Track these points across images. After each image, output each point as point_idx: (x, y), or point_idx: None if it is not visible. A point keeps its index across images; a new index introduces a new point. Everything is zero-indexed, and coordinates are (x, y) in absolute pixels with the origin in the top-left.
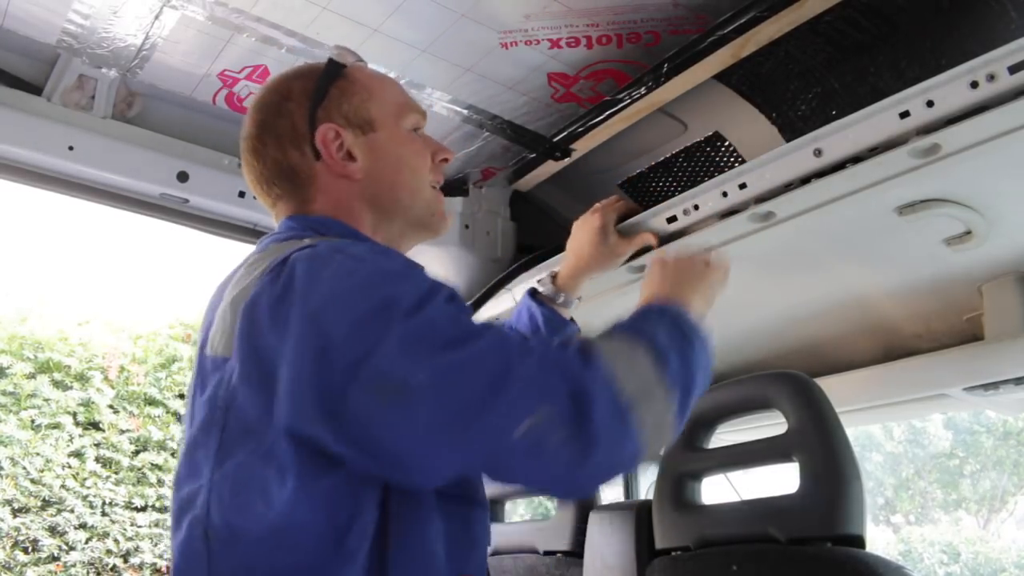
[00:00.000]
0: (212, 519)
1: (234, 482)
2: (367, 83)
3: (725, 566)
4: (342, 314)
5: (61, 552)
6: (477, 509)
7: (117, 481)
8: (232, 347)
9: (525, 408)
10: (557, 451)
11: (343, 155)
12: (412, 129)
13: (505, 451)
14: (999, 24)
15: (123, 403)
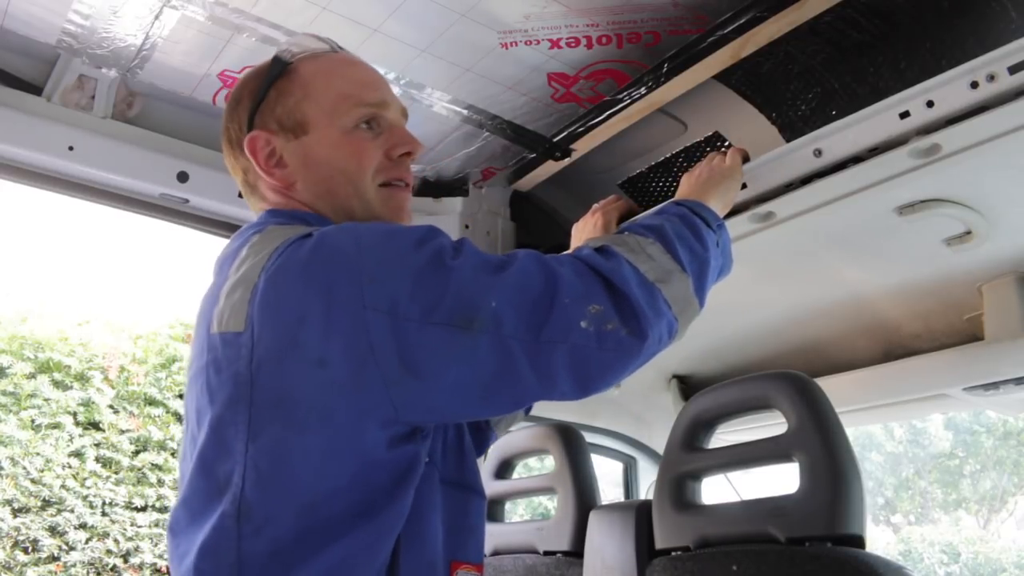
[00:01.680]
0: (247, 495)
1: (271, 456)
2: (307, 80)
3: (725, 566)
4: (402, 272)
5: (61, 552)
6: (475, 498)
7: (117, 481)
8: (246, 321)
9: (578, 306)
10: (617, 334)
11: (274, 162)
12: (361, 124)
13: (579, 347)
14: (999, 24)
15: (123, 403)
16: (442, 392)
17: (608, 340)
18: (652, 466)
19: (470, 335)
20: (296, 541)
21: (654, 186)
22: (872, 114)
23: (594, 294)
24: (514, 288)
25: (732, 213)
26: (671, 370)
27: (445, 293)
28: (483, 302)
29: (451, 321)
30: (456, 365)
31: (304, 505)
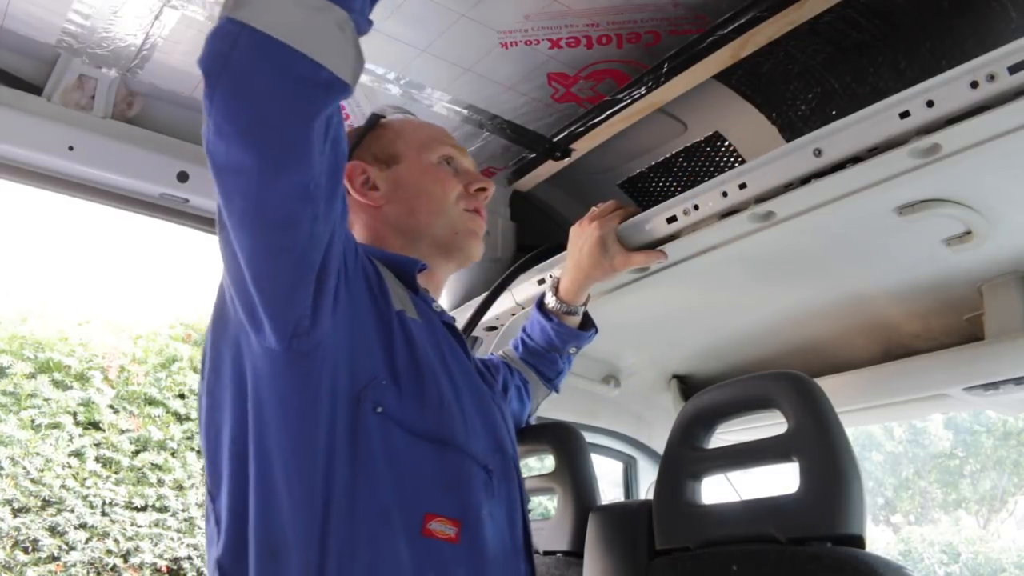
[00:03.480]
0: (208, 469)
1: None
2: (398, 126)
3: (725, 566)
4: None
5: (61, 552)
6: (451, 452)
7: (117, 481)
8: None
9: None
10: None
11: (368, 187)
12: (443, 161)
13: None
14: (999, 24)
15: (123, 403)
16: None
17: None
18: (652, 466)
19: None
20: (238, 493)
21: (654, 186)
22: (872, 114)
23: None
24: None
25: (732, 213)
26: (671, 370)
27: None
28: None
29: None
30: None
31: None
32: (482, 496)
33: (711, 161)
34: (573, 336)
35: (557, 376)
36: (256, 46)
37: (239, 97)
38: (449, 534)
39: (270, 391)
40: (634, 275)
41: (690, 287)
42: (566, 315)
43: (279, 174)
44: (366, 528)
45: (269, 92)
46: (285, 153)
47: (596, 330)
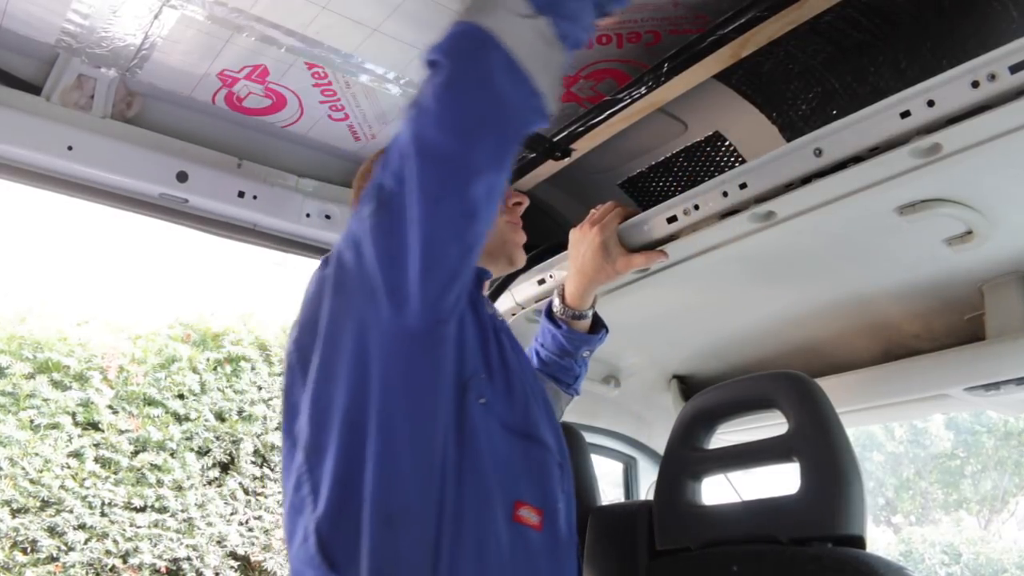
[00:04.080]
0: (309, 435)
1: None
2: None
3: (725, 566)
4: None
5: (60, 553)
6: (535, 446)
7: (116, 482)
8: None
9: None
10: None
11: None
12: None
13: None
14: (1000, 24)
15: (122, 403)
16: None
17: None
18: (652, 466)
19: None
20: (348, 460)
21: (654, 186)
22: (872, 114)
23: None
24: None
25: (732, 213)
26: (671, 370)
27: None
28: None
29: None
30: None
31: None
32: (558, 488)
33: (711, 161)
34: (584, 340)
35: (575, 381)
36: (503, 62)
37: (474, 98)
38: (534, 522)
39: (401, 369)
40: (634, 275)
41: (690, 287)
42: (575, 320)
43: (483, 172)
44: (472, 507)
45: (500, 102)
46: (493, 155)
47: (607, 331)
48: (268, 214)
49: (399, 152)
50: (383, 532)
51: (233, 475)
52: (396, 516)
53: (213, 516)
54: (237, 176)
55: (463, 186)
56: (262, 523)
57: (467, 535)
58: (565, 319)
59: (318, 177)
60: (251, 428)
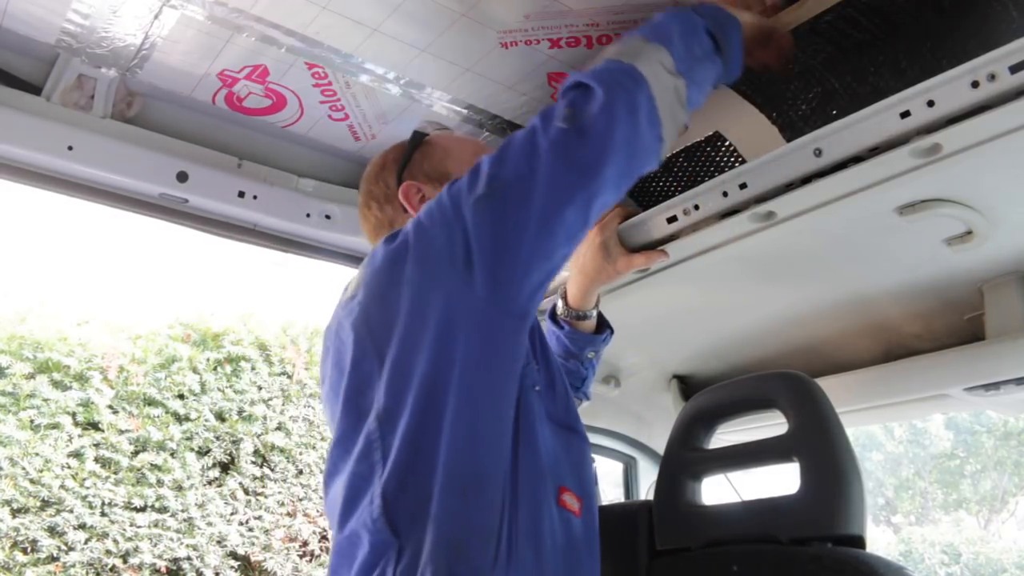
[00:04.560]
0: (383, 407)
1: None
2: (445, 144)
3: (725, 566)
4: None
5: (60, 552)
6: (575, 437)
7: (116, 481)
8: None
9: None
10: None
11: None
12: None
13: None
14: (1000, 24)
15: (122, 403)
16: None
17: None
18: (652, 466)
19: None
20: (421, 428)
21: (654, 186)
22: (872, 114)
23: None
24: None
25: (732, 213)
26: (671, 370)
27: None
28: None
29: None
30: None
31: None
32: (592, 479)
33: (711, 161)
34: (587, 340)
35: (583, 383)
36: (648, 103)
37: (622, 124)
38: (574, 508)
39: (488, 346)
40: (635, 275)
41: (690, 287)
42: (578, 320)
43: (607, 189)
44: (526, 488)
45: (637, 135)
46: (618, 178)
47: (611, 332)
48: (268, 214)
49: (523, 151)
50: (456, 501)
51: (233, 475)
52: (470, 486)
53: (213, 516)
54: (237, 176)
55: (589, 196)
56: (262, 523)
57: (523, 514)
58: (568, 320)
59: (318, 177)
60: (251, 428)
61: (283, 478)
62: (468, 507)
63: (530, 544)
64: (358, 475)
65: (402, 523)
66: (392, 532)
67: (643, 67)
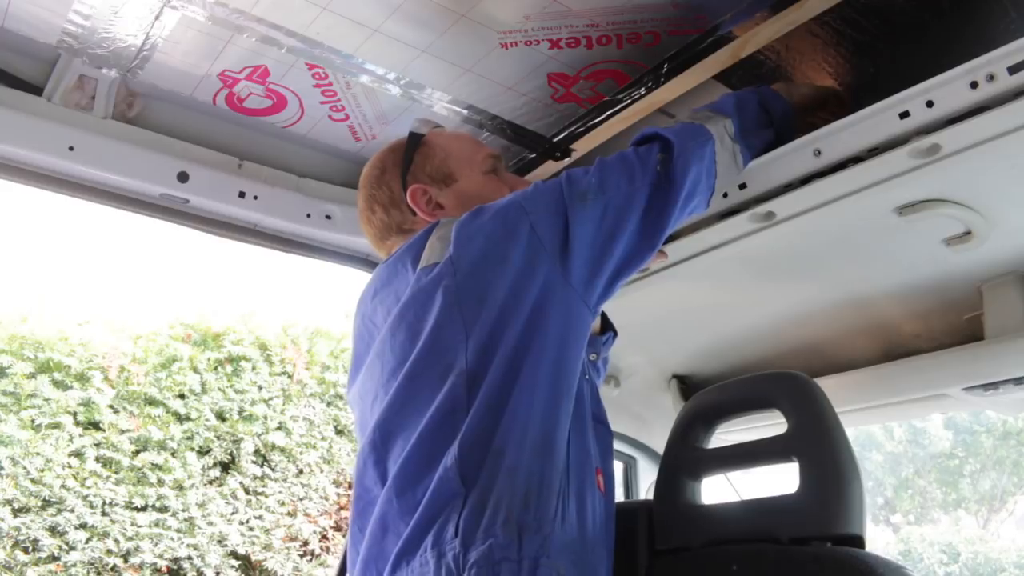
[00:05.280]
0: (471, 369)
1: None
2: (443, 144)
3: (725, 566)
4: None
5: (61, 552)
6: (605, 431)
7: (117, 481)
8: (444, 253)
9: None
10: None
11: (432, 206)
12: (490, 171)
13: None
14: (999, 24)
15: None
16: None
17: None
18: (652, 466)
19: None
20: (501, 391)
21: None
22: (872, 114)
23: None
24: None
25: (732, 213)
26: (671, 370)
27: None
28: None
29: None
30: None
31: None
32: (613, 471)
33: None
34: (589, 342)
35: None
36: (711, 159)
37: (694, 169)
38: (603, 488)
39: (572, 329)
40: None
41: (690, 287)
42: None
43: (675, 219)
44: (578, 458)
45: (697, 181)
46: (681, 212)
47: (614, 334)
48: (269, 214)
49: (622, 174)
50: (528, 457)
51: (234, 474)
52: (542, 446)
53: (214, 515)
54: (238, 176)
55: (665, 219)
56: (263, 522)
57: (575, 482)
58: None
59: (319, 177)
60: (252, 428)
61: (284, 478)
62: (540, 464)
63: (578, 510)
64: (436, 431)
65: (471, 474)
66: (461, 482)
67: (712, 128)
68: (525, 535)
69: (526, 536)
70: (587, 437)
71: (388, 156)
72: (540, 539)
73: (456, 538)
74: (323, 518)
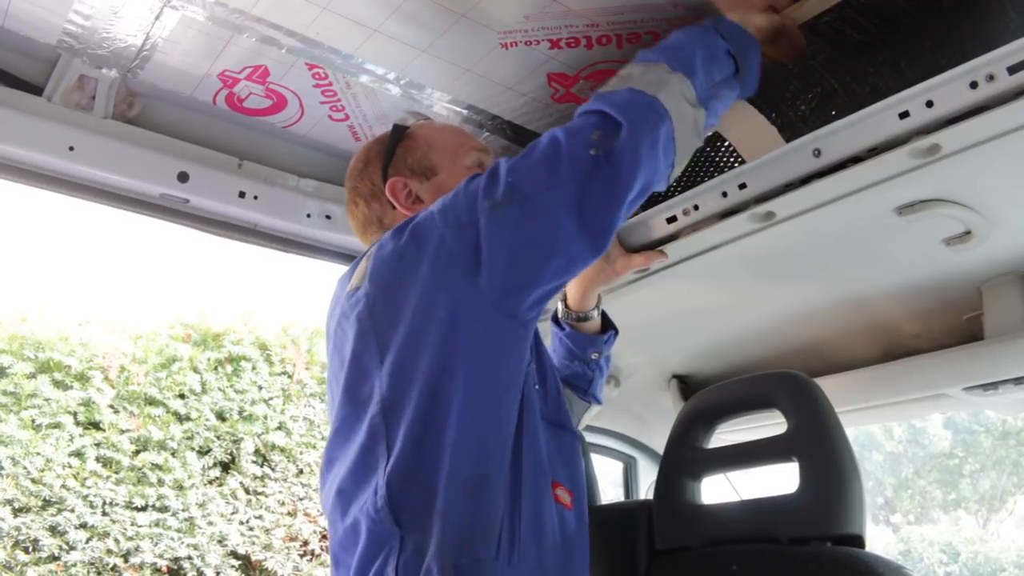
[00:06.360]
0: (387, 398)
1: (397, 364)
2: (427, 136)
3: (725, 566)
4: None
5: (61, 552)
6: (566, 434)
7: (117, 481)
8: (363, 279)
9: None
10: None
11: (412, 200)
12: (475, 165)
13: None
14: (999, 24)
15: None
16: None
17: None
18: (652, 466)
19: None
20: (425, 423)
21: None
22: (871, 114)
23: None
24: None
25: (732, 213)
26: (671, 370)
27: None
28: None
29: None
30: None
31: (426, 389)
32: (582, 474)
33: (711, 161)
34: (588, 341)
35: (589, 386)
36: (669, 134)
37: (644, 154)
38: (566, 501)
39: (494, 347)
40: (634, 275)
41: (690, 287)
42: (580, 322)
43: (621, 208)
44: (528, 482)
45: (655, 162)
46: (631, 202)
47: (615, 332)
48: (269, 214)
49: (545, 166)
50: (461, 497)
51: (234, 474)
52: (474, 483)
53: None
54: (238, 176)
55: (609, 215)
56: (263, 522)
57: (525, 508)
58: (570, 322)
59: (319, 177)
60: (252, 428)
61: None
62: (473, 503)
63: (532, 537)
64: (361, 464)
65: (405, 516)
66: (395, 523)
67: (666, 100)
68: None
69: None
70: (540, 453)
71: (372, 148)
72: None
73: None
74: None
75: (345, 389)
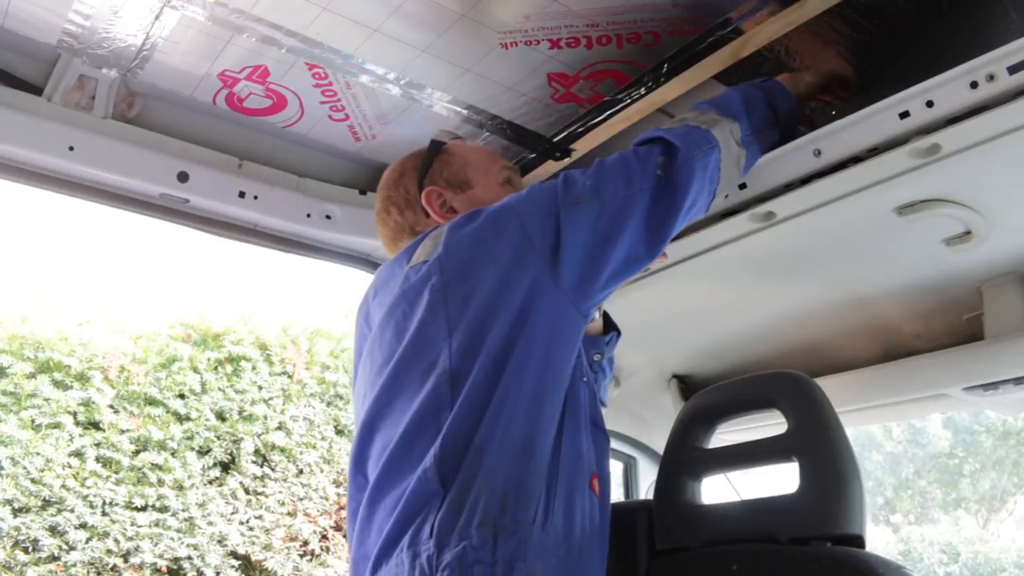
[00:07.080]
0: (454, 367)
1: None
2: (463, 152)
3: (725, 566)
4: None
5: (61, 552)
6: (600, 435)
7: (117, 481)
8: (434, 251)
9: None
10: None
11: (446, 209)
12: (506, 182)
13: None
14: (999, 24)
15: (123, 403)
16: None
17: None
18: (652, 466)
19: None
20: (486, 392)
21: None
22: (871, 114)
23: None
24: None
25: (732, 213)
26: (671, 370)
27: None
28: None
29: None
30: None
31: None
32: (609, 473)
33: None
34: (590, 342)
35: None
36: (716, 164)
37: (698, 178)
38: (597, 492)
39: (560, 331)
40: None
41: (690, 287)
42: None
43: (677, 223)
44: (568, 462)
45: (703, 186)
46: (681, 220)
47: (618, 333)
48: (269, 214)
49: (620, 177)
50: (509, 460)
51: (234, 474)
52: (522, 449)
53: (214, 515)
54: (238, 176)
55: (668, 225)
56: (263, 522)
57: (561, 486)
58: None
59: (319, 177)
60: (252, 428)
61: (284, 478)
62: (519, 468)
63: (563, 513)
64: (418, 427)
65: (450, 475)
66: (440, 482)
67: (718, 134)
68: (500, 537)
69: (501, 539)
70: (581, 440)
71: (408, 160)
72: (516, 542)
73: (431, 539)
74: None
75: (401, 357)
